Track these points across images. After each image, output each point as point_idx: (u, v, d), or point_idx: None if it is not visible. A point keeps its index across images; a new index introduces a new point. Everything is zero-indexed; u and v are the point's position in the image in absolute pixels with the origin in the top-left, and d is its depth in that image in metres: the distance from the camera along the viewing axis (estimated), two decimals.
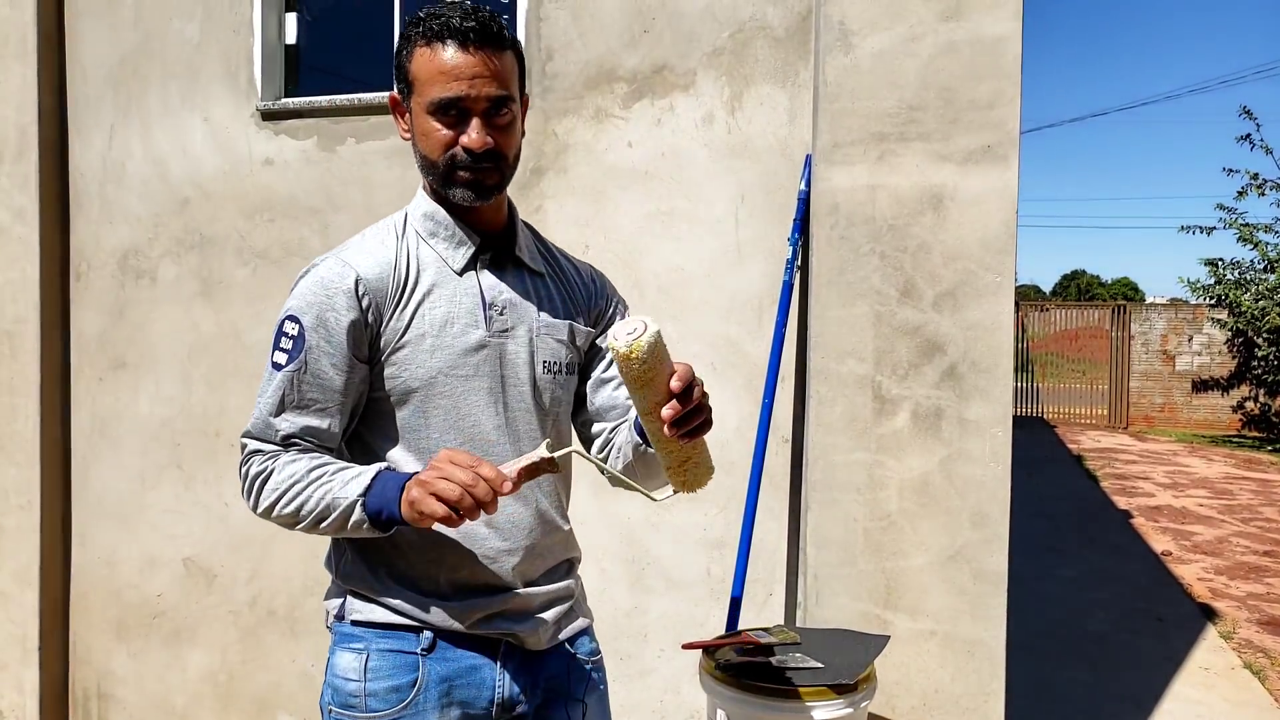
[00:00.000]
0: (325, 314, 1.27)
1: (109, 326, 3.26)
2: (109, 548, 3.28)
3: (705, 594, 2.73)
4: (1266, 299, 12.15)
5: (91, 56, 3.24)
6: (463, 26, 1.24)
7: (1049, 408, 16.11)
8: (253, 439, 1.30)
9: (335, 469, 1.25)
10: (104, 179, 3.24)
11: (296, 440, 1.28)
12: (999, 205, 2.30)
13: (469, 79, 1.24)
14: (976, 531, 2.32)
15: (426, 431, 1.30)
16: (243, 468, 1.31)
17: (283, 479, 1.25)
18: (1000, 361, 2.32)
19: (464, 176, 1.28)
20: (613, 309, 1.52)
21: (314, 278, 1.30)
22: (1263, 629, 5.01)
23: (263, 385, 1.30)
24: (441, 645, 1.32)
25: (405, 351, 1.29)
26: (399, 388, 1.29)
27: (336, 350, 1.27)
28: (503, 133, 1.29)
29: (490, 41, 1.25)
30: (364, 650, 1.32)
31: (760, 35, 2.65)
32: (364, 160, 3.00)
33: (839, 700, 1.74)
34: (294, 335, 1.28)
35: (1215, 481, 9.69)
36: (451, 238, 1.34)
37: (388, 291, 1.29)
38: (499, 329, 1.33)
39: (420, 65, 1.26)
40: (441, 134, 1.27)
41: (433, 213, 1.35)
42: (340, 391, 1.28)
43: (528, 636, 1.36)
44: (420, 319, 1.29)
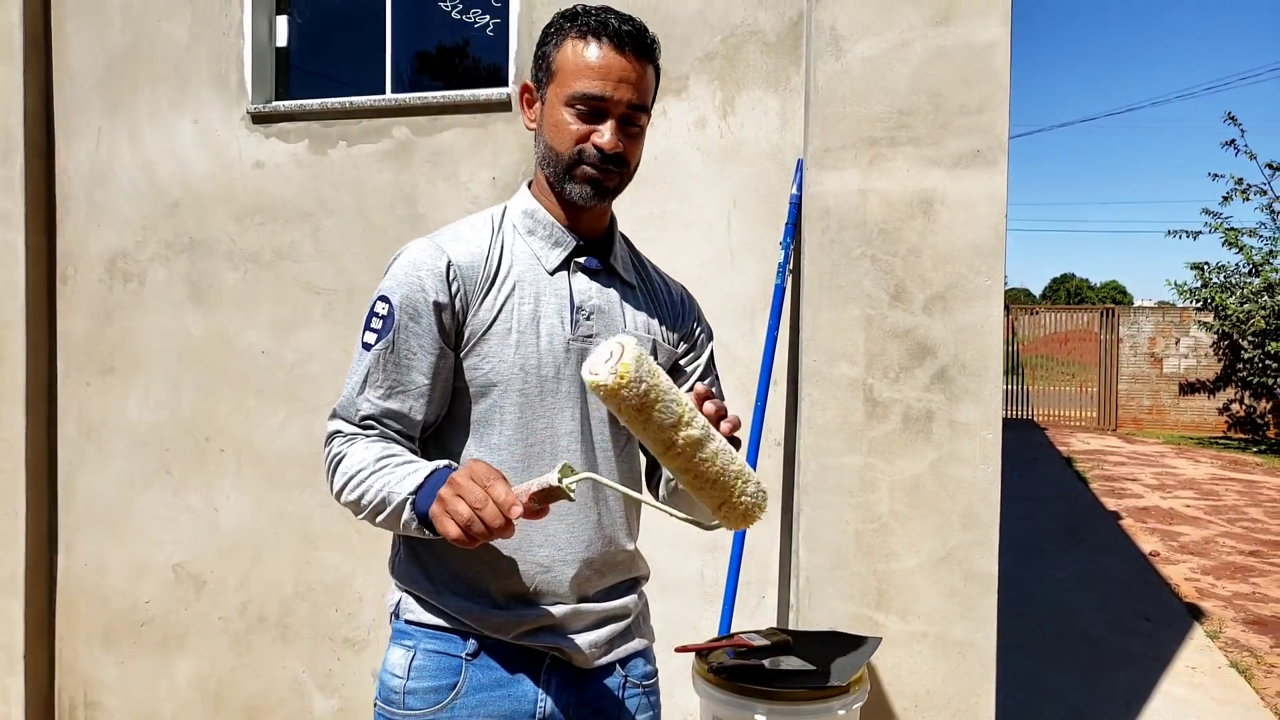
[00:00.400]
0: (414, 295, 1.25)
1: (96, 330, 3.24)
2: (96, 555, 3.26)
3: (698, 597, 2.73)
4: (1251, 302, 12.26)
5: (79, 59, 3.22)
6: (620, 29, 1.25)
7: (1039, 410, 16.19)
8: (337, 418, 1.30)
9: (400, 461, 1.22)
10: (91, 182, 3.23)
11: (376, 423, 1.27)
12: (988, 209, 2.32)
13: (615, 81, 1.24)
14: (967, 533, 2.33)
15: (501, 428, 1.29)
16: (325, 446, 1.30)
17: (352, 464, 1.24)
18: (990, 364, 2.33)
19: (587, 173, 1.27)
20: (699, 333, 1.49)
21: (406, 259, 1.29)
22: (1249, 628, 5.04)
23: (352, 365, 1.30)
24: (486, 652, 1.31)
25: (489, 345, 1.27)
26: (479, 380, 1.28)
27: (425, 332, 1.26)
28: (632, 141, 1.29)
29: (642, 50, 1.26)
30: (412, 648, 1.32)
31: (752, 40, 2.66)
32: (355, 163, 2.99)
33: (832, 702, 1.74)
34: (384, 315, 1.27)
35: (1202, 483, 9.76)
36: (549, 237, 1.33)
37: (477, 280, 1.28)
38: (584, 334, 1.32)
39: (568, 57, 1.26)
40: (575, 128, 1.26)
41: (533, 210, 1.34)
42: (426, 375, 1.27)
43: (575, 654, 1.33)
44: (507, 313, 1.28)
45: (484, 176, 2.89)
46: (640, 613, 1.46)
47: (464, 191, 2.90)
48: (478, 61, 3.07)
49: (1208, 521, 7.80)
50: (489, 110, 2.87)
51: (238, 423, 3.11)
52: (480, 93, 2.87)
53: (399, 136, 2.96)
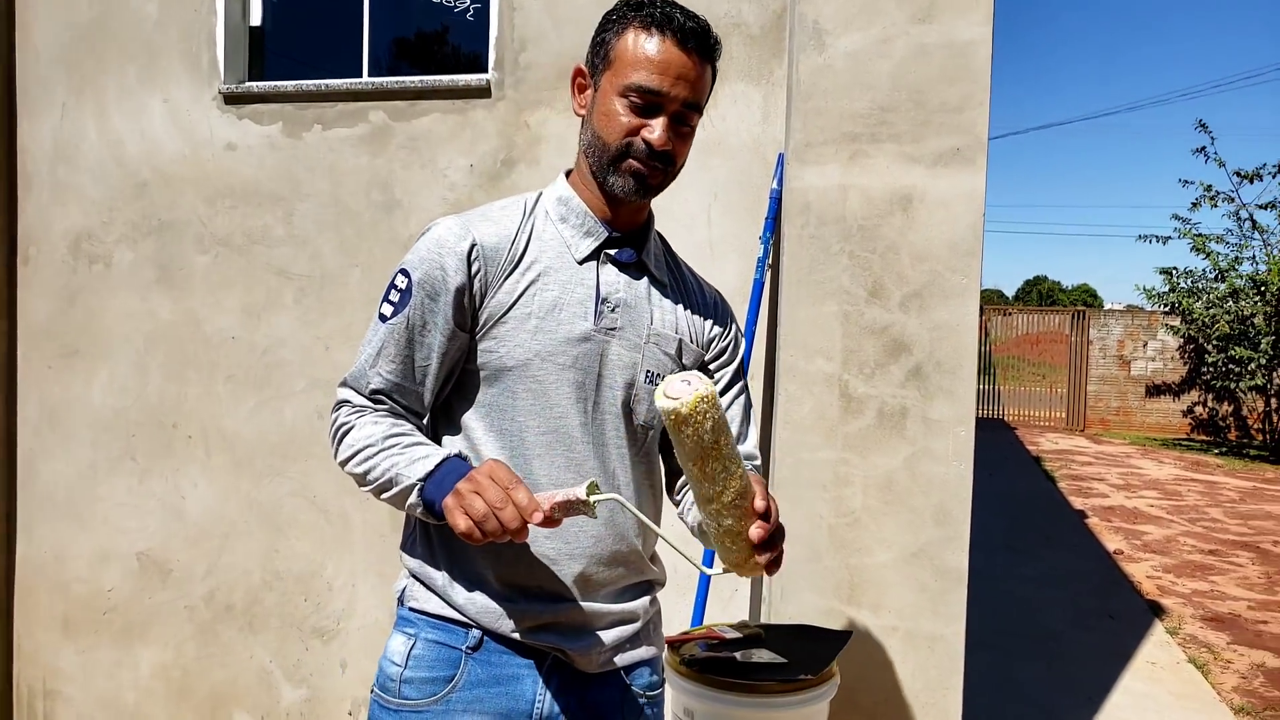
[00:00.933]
0: (434, 273, 1.24)
1: (59, 313, 3.17)
2: (57, 542, 3.19)
3: (671, 589, 2.72)
4: (1217, 307, 12.47)
5: (44, 33, 3.15)
6: (685, 25, 1.22)
7: (1009, 410, 16.38)
8: (347, 387, 1.29)
9: (409, 442, 1.22)
10: (55, 160, 3.15)
11: (385, 397, 1.26)
12: (967, 208, 2.32)
13: (673, 77, 1.22)
14: (939, 529, 2.34)
15: (512, 413, 1.27)
16: (333, 413, 1.29)
17: (360, 437, 1.23)
18: (965, 362, 2.34)
19: (633, 166, 1.25)
20: (730, 339, 1.46)
21: (432, 236, 1.27)
22: (1206, 625, 5.13)
23: (367, 335, 1.28)
24: (487, 647, 1.28)
25: (507, 328, 1.25)
26: (493, 363, 1.26)
27: (440, 312, 1.24)
28: (681, 140, 1.27)
29: (704, 50, 1.24)
30: (413, 637, 1.30)
31: (735, 32, 2.64)
32: (330, 147, 2.95)
33: (802, 695, 1.74)
34: (402, 289, 1.25)
35: (1165, 483, 9.92)
36: (580, 226, 1.31)
37: (500, 262, 1.26)
38: (607, 326, 1.29)
39: (629, 46, 1.24)
40: (626, 120, 1.24)
41: (568, 198, 1.32)
42: (438, 355, 1.25)
43: (578, 655, 1.29)
44: (529, 298, 1.26)
45: (461, 163, 2.85)
46: (651, 620, 1.42)
47: (441, 178, 2.87)
48: (457, 47, 3.04)
49: (1170, 521, 7.93)
50: (468, 96, 2.84)
51: (206, 409, 3.06)
52: (460, 78, 2.84)
53: (376, 121, 2.92)
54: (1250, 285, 12.20)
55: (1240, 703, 4.05)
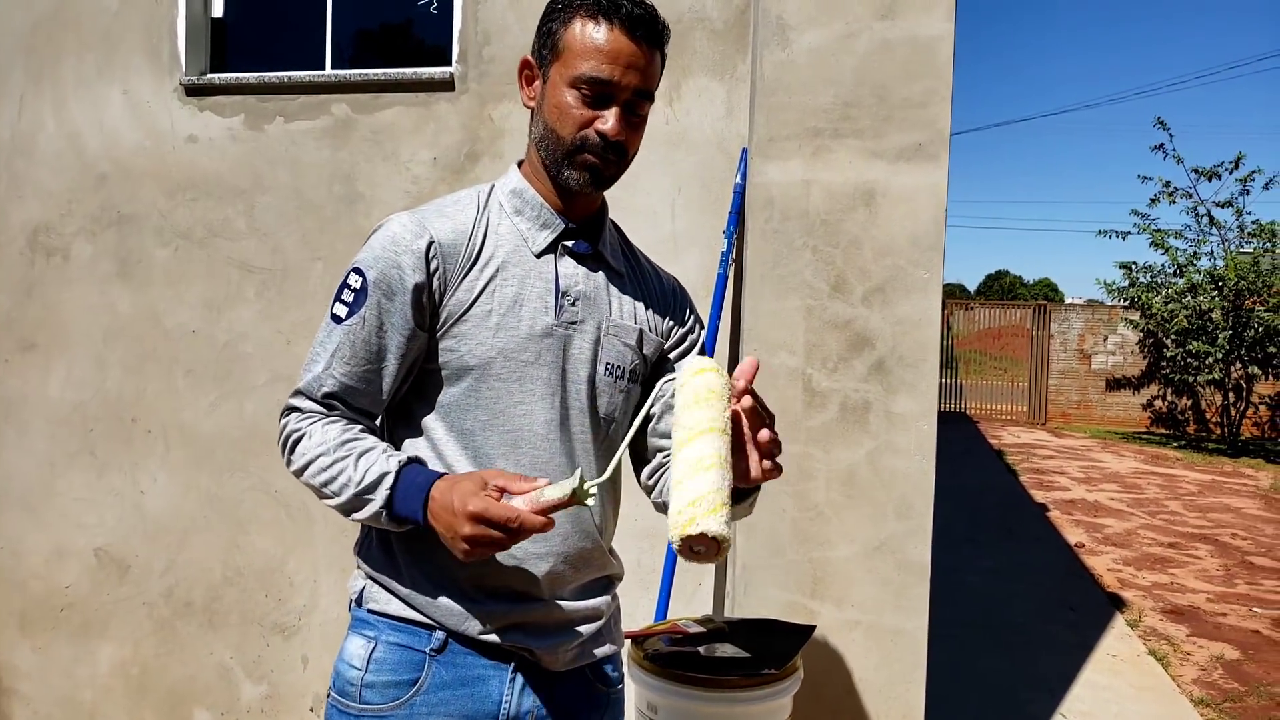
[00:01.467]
0: (390, 272, 1.21)
1: (16, 306, 3.11)
2: (13, 537, 3.14)
3: (635, 584, 2.73)
4: (1175, 302, 12.68)
5: (1, 22, 3.08)
6: (633, 12, 1.20)
7: (971, 404, 16.56)
8: (299, 394, 1.25)
9: (360, 451, 1.19)
10: (12, 151, 3.09)
11: (339, 401, 1.23)
12: (929, 203, 2.35)
13: (624, 65, 1.20)
14: (901, 523, 2.36)
15: (475, 413, 1.24)
16: (282, 419, 1.26)
17: (312, 445, 1.20)
18: (927, 356, 2.37)
19: (588, 160, 1.24)
20: (690, 324, 1.45)
21: (386, 233, 1.23)
22: (1166, 617, 5.23)
23: (319, 336, 1.25)
24: (452, 649, 1.25)
25: (468, 326, 1.23)
26: (455, 362, 1.23)
27: (398, 311, 1.21)
28: (634, 129, 1.26)
29: (652, 37, 1.23)
30: (374, 639, 1.26)
31: (699, 27, 2.65)
32: (293, 140, 2.92)
33: (766, 689, 1.75)
34: (356, 289, 1.22)
35: (1126, 476, 10.08)
36: (537, 218, 1.29)
37: (459, 259, 1.23)
38: (568, 319, 1.27)
39: (576, 36, 1.21)
40: (579, 112, 1.22)
41: (522, 190, 1.30)
42: (395, 355, 1.23)
43: (544, 654, 1.28)
44: (488, 295, 1.24)
45: (425, 156, 2.84)
46: (612, 615, 1.41)
47: (404, 171, 2.85)
48: (421, 40, 3.01)
49: (1130, 514, 8.07)
50: (432, 89, 2.82)
51: (166, 403, 3.02)
52: (423, 71, 2.82)
53: (338, 114, 2.89)
54: (1208, 280, 12.42)
55: (1200, 694, 4.13)
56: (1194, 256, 12.85)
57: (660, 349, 1.40)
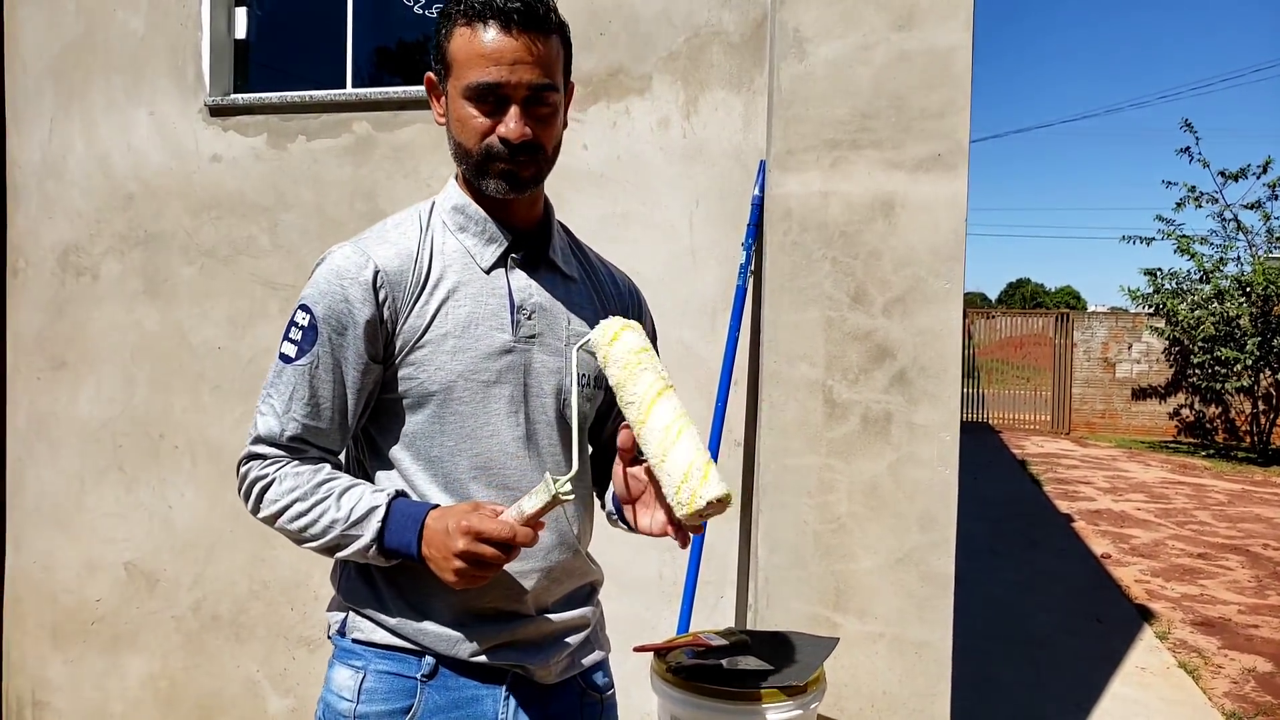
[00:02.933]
0: (338, 306, 1.18)
1: (48, 324, 3.17)
2: (45, 552, 3.18)
3: (657, 597, 2.73)
4: (1202, 309, 12.53)
5: (31, 47, 3.15)
6: (507, 6, 1.15)
7: (994, 413, 16.43)
8: (259, 439, 1.21)
9: (339, 490, 1.18)
10: (44, 173, 3.15)
11: (303, 442, 1.21)
12: (948, 213, 2.34)
13: (510, 64, 1.15)
14: (924, 534, 2.35)
15: (440, 439, 1.22)
16: (241, 467, 1.23)
17: (284, 491, 1.19)
18: (948, 367, 2.36)
19: (499, 168, 1.19)
20: (645, 324, 1.42)
21: (329, 266, 1.20)
22: (1196, 629, 5.15)
23: (270, 378, 1.22)
24: (443, 673, 1.24)
25: (424, 352, 1.20)
26: (415, 390, 1.21)
27: (350, 346, 1.19)
28: (542, 123, 1.19)
29: (535, 24, 1.16)
30: (362, 669, 1.24)
31: (716, 41, 2.66)
32: (315, 158, 2.96)
33: (789, 702, 1.75)
34: (304, 327, 1.19)
35: (1153, 486, 9.96)
36: (482, 233, 1.25)
37: (407, 285, 1.20)
38: (526, 334, 1.24)
39: (459, 46, 1.17)
40: (478, 121, 1.18)
41: (463, 205, 1.26)
42: (353, 390, 1.21)
43: (538, 668, 1.27)
44: (443, 318, 1.20)
45: (445, 173, 2.86)
46: (598, 623, 1.40)
47: (424, 188, 2.88)
48: None
49: (1158, 524, 7.97)
50: None
51: (192, 419, 3.06)
52: None
53: (359, 132, 2.93)
54: (1235, 286, 12.27)
55: (1232, 708, 4.06)
56: (1220, 262, 12.70)
57: None
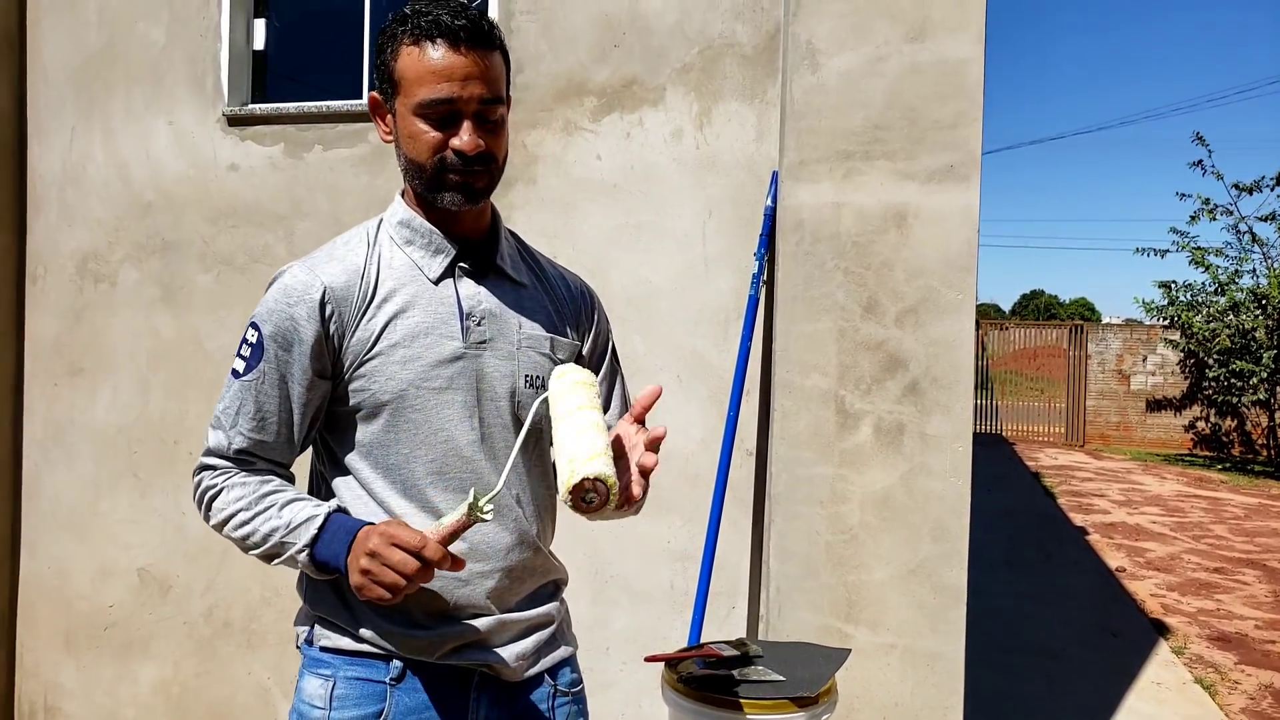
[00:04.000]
0: (284, 325, 1.22)
1: (65, 331, 3.20)
2: (60, 557, 3.21)
3: (667, 607, 2.73)
4: (1217, 321, 12.45)
5: (53, 58, 3.19)
6: (454, 25, 1.19)
7: (1008, 425, 16.35)
8: (210, 453, 1.27)
9: (284, 501, 1.21)
10: (64, 182, 3.19)
11: (250, 455, 1.25)
12: (961, 224, 2.35)
13: (460, 80, 1.19)
14: (937, 546, 2.35)
15: (396, 447, 1.25)
16: (194, 477, 1.28)
17: (230, 500, 1.22)
18: (961, 378, 2.36)
19: (454, 180, 1.23)
20: (598, 325, 1.46)
21: (279, 286, 1.25)
22: (1213, 644, 5.11)
23: (223, 393, 1.27)
24: (411, 675, 1.27)
25: (375, 363, 1.24)
26: (368, 400, 1.24)
27: (295, 363, 1.23)
28: (492, 135, 1.24)
29: (481, 41, 1.21)
30: (331, 677, 1.27)
31: (729, 52, 2.68)
32: (331, 168, 2.98)
33: (800, 713, 1.75)
34: (253, 344, 1.23)
35: (1168, 499, 9.89)
36: (429, 245, 1.29)
37: (353, 301, 1.24)
38: (476, 340, 1.27)
39: (408, 65, 1.21)
40: (430, 136, 1.22)
41: (409, 220, 1.30)
42: (299, 405, 1.24)
43: (503, 667, 1.30)
44: (392, 329, 1.24)
45: None
46: (563, 619, 1.43)
47: None
48: None
49: (1173, 538, 7.90)
50: None
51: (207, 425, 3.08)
52: None
53: (375, 141, 2.95)
54: (1251, 299, 12.20)
55: None
56: (1235, 274, 12.63)
57: (575, 351, 1.41)
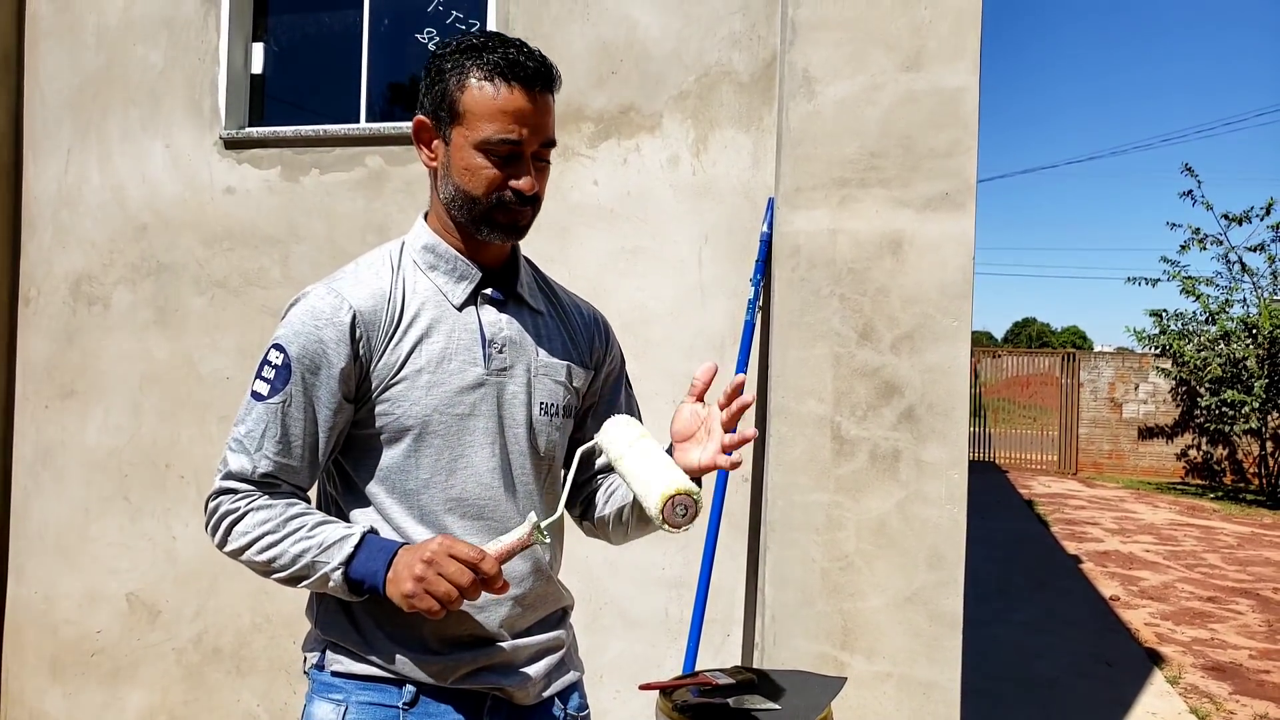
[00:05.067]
0: (312, 347, 1.21)
1: (58, 353, 3.18)
2: (47, 582, 3.17)
3: (663, 634, 2.71)
4: (1208, 349, 12.51)
5: (51, 79, 3.20)
6: (529, 66, 1.20)
7: (1001, 453, 16.36)
8: (231, 477, 1.23)
9: (313, 523, 1.20)
10: (59, 203, 3.19)
11: (274, 478, 1.23)
12: (956, 251, 2.36)
13: (532, 125, 1.21)
14: (932, 573, 2.34)
15: (416, 472, 1.25)
16: (211, 502, 1.24)
17: (254, 524, 1.20)
18: (956, 405, 2.36)
19: (504, 219, 1.24)
20: (612, 352, 1.47)
21: (304, 307, 1.23)
22: (1208, 674, 5.08)
23: (240, 414, 1.24)
24: (424, 700, 1.26)
25: (400, 388, 1.23)
26: (392, 425, 1.24)
27: (323, 386, 1.22)
28: (542, 175, 1.27)
29: (549, 86, 1.23)
30: (343, 702, 1.26)
31: (725, 80, 2.70)
32: (327, 191, 2.99)
33: None
34: (278, 366, 1.21)
35: (1161, 528, 9.88)
36: (452, 271, 1.29)
37: (381, 325, 1.23)
38: (498, 367, 1.28)
39: (477, 99, 1.20)
40: (491, 173, 1.22)
41: (434, 245, 1.30)
42: (324, 429, 1.23)
43: (515, 691, 1.30)
44: (417, 354, 1.24)
45: None
46: (571, 645, 1.44)
47: None
48: None
49: (1167, 567, 7.89)
50: None
51: (199, 449, 3.06)
52: None
53: (372, 165, 2.96)
54: (1241, 328, 12.27)
55: None
56: (1226, 304, 12.71)
57: (588, 379, 1.42)
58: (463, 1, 3.00)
